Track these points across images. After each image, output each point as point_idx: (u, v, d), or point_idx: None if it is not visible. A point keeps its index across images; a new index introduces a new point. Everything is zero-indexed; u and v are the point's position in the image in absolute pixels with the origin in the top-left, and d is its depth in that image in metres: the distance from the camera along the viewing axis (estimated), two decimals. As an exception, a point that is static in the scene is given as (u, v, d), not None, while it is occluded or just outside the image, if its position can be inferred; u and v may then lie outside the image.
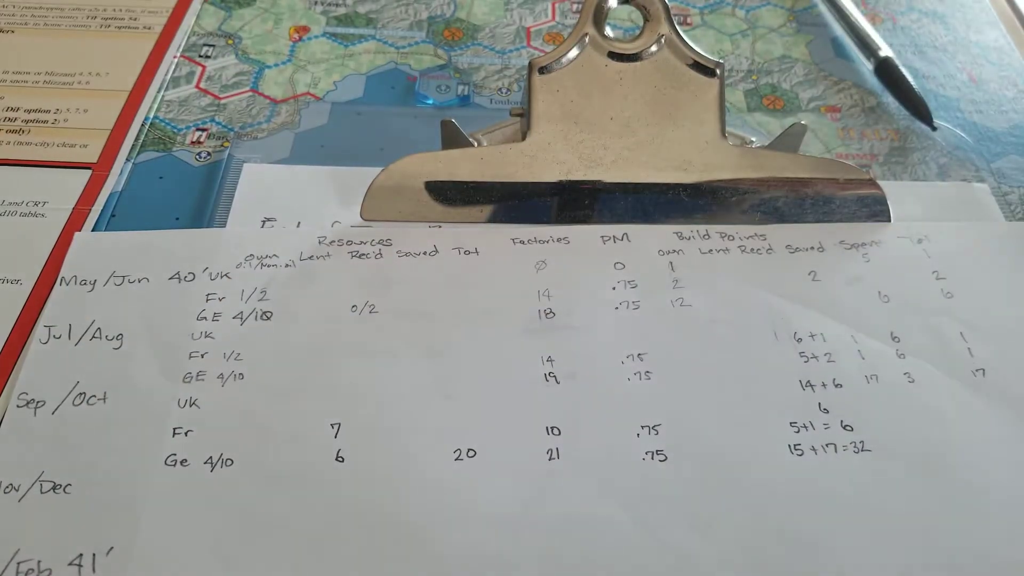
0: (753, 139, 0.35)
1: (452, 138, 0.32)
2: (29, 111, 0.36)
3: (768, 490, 0.26)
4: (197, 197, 0.33)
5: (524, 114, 0.32)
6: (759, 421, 0.27)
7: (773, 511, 0.25)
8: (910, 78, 0.39)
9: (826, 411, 0.27)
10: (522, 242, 0.32)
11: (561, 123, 0.31)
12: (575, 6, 0.44)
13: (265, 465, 0.25)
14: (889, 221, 0.33)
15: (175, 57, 0.39)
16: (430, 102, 0.38)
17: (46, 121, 0.36)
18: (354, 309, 0.29)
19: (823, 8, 0.44)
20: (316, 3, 0.43)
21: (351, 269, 0.31)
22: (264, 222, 0.32)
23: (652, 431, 0.27)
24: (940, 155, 0.37)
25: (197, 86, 0.38)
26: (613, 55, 0.30)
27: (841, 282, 0.31)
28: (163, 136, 0.36)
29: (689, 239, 0.32)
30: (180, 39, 0.40)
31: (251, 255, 0.31)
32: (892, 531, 0.25)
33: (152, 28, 0.41)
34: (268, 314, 0.29)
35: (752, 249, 0.32)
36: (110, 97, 0.37)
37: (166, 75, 0.38)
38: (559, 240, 0.32)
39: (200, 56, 0.39)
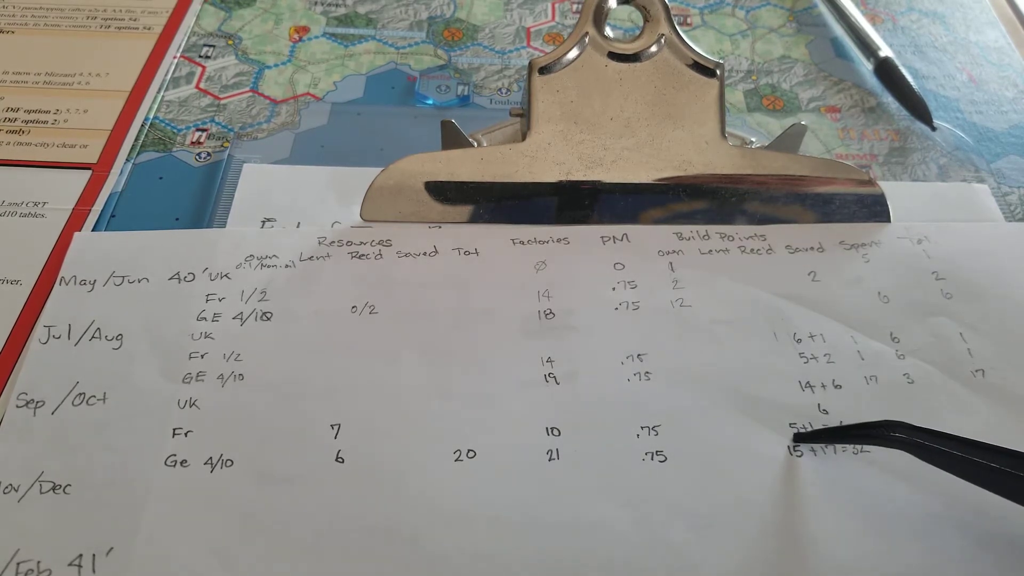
0: (753, 139, 0.35)
1: (452, 138, 0.32)
2: (29, 111, 0.36)
3: (768, 490, 0.26)
4: (197, 197, 0.33)
5: (524, 114, 0.32)
6: (759, 421, 0.27)
7: (773, 511, 0.25)
8: (910, 78, 0.39)
9: (825, 412, 0.27)
10: (522, 242, 0.32)
11: (561, 123, 0.31)
12: (575, 6, 0.44)
13: (265, 465, 0.25)
14: (889, 221, 0.33)
15: (175, 57, 0.39)
16: (430, 102, 0.38)
17: (46, 121, 0.36)
18: (354, 309, 0.29)
19: (823, 8, 0.44)
20: (316, 3, 0.43)
21: (351, 269, 0.31)
22: (264, 222, 0.32)
23: (652, 431, 0.27)
24: (940, 155, 0.37)
25: (197, 86, 0.38)
26: (613, 55, 0.30)
27: (841, 282, 0.31)
28: (163, 136, 0.36)
29: (689, 239, 0.32)
30: (180, 39, 0.40)
31: (251, 255, 0.31)
32: (892, 531, 0.25)
33: (152, 28, 0.41)
34: (268, 314, 0.29)
35: (752, 249, 0.32)
36: (110, 97, 0.37)
37: (166, 75, 0.38)
38: (559, 240, 0.32)
39: (200, 56, 0.39)
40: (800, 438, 0.27)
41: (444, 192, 0.32)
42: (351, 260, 0.31)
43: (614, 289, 0.31)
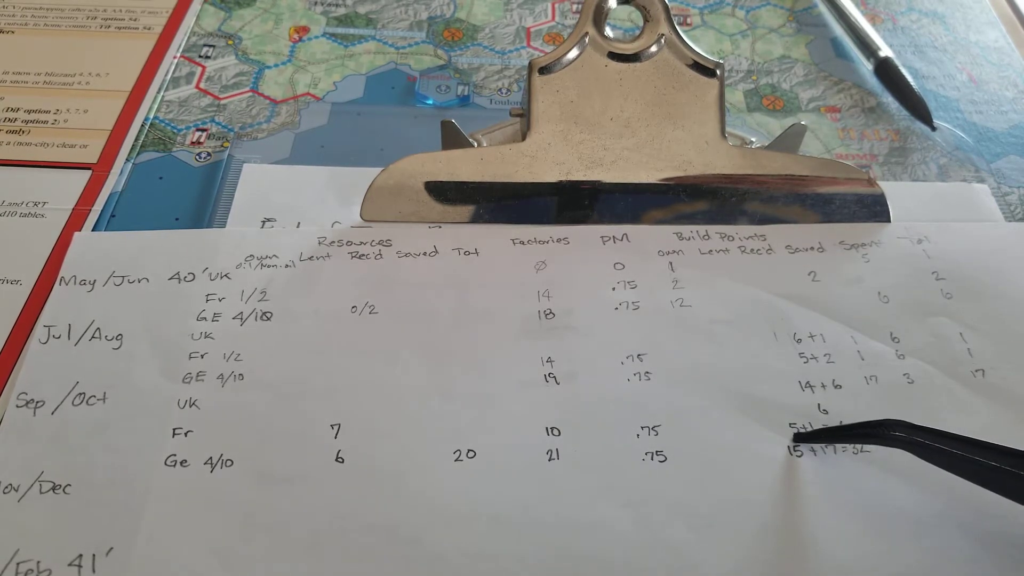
0: (753, 139, 0.35)
1: (452, 138, 0.32)
2: (29, 111, 0.36)
3: (768, 490, 0.26)
4: (197, 197, 0.33)
5: (524, 114, 0.32)
6: (759, 421, 0.27)
7: (773, 511, 0.25)
8: (910, 78, 0.39)
9: (825, 412, 0.27)
10: (522, 242, 0.32)
11: (561, 123, 0.31)
12: (575, 6, 0.44)
13: (265, 465, 0.25)
14: (889, 221, 0.33)
15: (175, 57, 0.39)
16: (430, 102, 0.38)
17: (46, 121, 0.36)
18: (354, 309, 0.29)
19: (823, 8, 0.44)
20: (316, 3, 0.43)
21: (351, 269, 0.31)
22: (264, 222, 0.32)
23: (652, 431, 0.27)
24: (940, 155, 0.37)
25: (197, 86, 0.38)
26: (613, 55, 0.30)
27: (841, 282, 0.31)
28: (163, 136, 0.36)
29: (689, 239, 0.32)
30: (180, 39, 0.40)
31: (251, 255, 0.31)
32: (892, 531, 0.25)
33: (152, 28, 0.41)
34: (268, 314, 0.29)
35: (752, 249, 0.32)
36: (110, 97, 0.37)
37: (166, 75, 0.38)
38: (559, 240, 0.32)
39: (200, 56, 0.39)
40: (800, 438, 0.27)
41: (444, 192, 0.32)
42: (351, 260, 0.31)
43: (614, 289, 0.31)
